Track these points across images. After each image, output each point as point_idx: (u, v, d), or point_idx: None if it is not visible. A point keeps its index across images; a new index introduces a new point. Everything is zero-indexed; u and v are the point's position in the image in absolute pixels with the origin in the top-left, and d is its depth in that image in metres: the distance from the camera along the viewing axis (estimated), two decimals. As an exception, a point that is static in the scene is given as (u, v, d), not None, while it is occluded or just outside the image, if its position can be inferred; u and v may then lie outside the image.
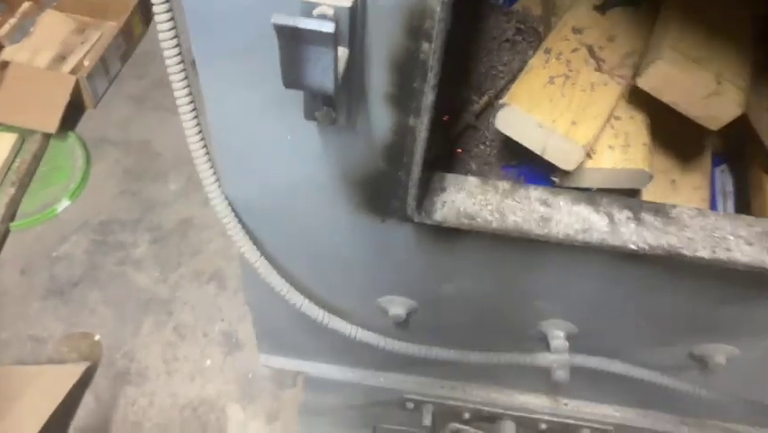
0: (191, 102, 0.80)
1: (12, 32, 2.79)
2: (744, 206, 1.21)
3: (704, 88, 0.90)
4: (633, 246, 0.88)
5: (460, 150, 1.19)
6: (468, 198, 0.91)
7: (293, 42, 0.59)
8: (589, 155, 1.01)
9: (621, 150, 1.01)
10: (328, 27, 0.57)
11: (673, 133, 1.13)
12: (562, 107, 0.95)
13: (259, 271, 1.02)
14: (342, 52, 0.64)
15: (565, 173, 1.03)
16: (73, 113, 2.68)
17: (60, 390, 1.86)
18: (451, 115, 1.14)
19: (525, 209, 0.91)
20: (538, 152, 0.97)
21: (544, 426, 1.47)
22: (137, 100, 2.84)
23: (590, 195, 0.94)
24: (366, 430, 1.70)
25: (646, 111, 1.06)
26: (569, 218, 0.91)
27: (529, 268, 1.01)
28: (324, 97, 0.66)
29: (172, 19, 0.71)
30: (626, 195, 0.97)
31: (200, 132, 0.83)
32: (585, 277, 1.00)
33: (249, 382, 2.05)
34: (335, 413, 1.64)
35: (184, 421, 1.96)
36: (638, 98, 1.04)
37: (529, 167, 1.16)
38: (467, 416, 1.48)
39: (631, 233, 0.90)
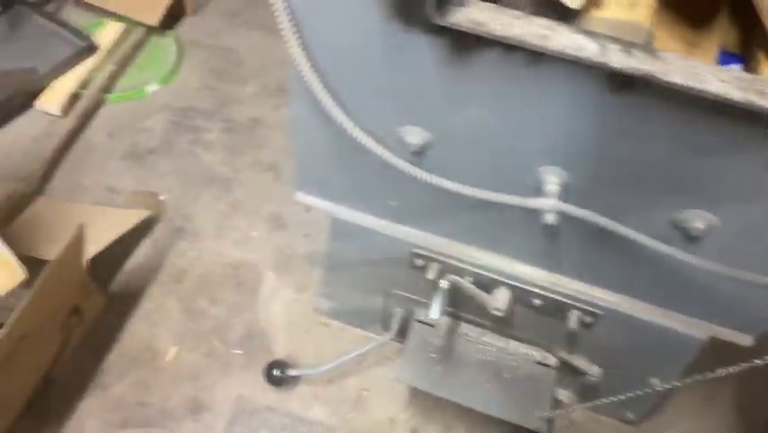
0: None
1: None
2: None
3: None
4: (616, 65, 1.01)
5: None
6: (482, 12, 1.07)
7: None
8: (597, 5, 1.14)
9: (628, 6, 1.14)
10: None
11: (685, 24, 1.25)
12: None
13: (304, 77, 1.20)
14: None
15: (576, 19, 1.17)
16: (174, 16, 2.99)
17: (121, 228, 2.12)
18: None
19: (529, 28, 1.06)
20: (549, -9, 1.12)
21: (537, 301, 1.59)
22: (231, 14, 3.11)
23: (590, 31, 1.07)
24: (378, 295, 1.87)
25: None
26: (566, 40, 1.05)
27: (527, 97, 1.15)
28: None
29: None
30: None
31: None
32: (575, 107, 1.13)
33: (286, 256, 2.26)
34: (353, 271, 1.81)
35: (224, 276, 2.19)
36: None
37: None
38: (469, 280, 1.62)
39: (617, 57, 1.02)
